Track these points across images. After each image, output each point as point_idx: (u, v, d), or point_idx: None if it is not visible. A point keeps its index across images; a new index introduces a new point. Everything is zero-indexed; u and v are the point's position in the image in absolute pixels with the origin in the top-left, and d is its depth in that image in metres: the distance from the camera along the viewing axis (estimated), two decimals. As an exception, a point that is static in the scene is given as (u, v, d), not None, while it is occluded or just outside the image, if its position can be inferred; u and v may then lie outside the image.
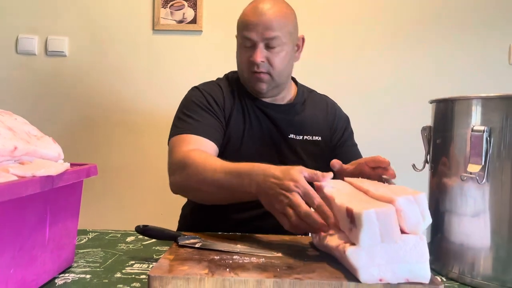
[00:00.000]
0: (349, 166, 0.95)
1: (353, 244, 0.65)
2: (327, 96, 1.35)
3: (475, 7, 1.89)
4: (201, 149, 1.04)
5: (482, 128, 0.72)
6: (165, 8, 1.91)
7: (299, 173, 0.78)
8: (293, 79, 1.30)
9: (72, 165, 0.78)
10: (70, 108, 1.95)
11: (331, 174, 0.82)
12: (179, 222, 1.33)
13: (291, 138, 1.21)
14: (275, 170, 0.81)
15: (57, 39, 1.93)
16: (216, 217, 1.16)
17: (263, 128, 1.20)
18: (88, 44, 1.94)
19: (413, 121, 1.26)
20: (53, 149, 0.73)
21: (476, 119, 0.75)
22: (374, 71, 1.92)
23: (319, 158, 1.23)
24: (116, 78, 1.94)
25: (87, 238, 0.98)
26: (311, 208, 0.76)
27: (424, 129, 0.89)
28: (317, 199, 0.75)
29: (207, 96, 1.16)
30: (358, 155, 1.27)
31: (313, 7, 1.91)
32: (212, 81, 1.25)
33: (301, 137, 1.21)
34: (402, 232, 0.64)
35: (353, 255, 0.64)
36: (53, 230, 0.69)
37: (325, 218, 0.73)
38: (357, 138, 1.90)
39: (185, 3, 1.91)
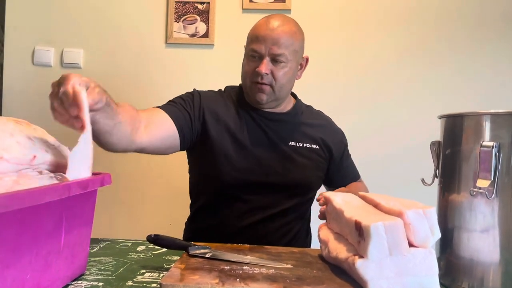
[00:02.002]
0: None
1: (362, 256, 0.66)
2: (321, 112, 1.40)
3: (486, 23, 1.90)
4: (141, 112, 1.08)
5: (491, 143, 0.73)
6: (178, 22, 1.95)
7: (74, 76, 0.77)
8: (293, 94, 1.35)
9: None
10: (83, 118, 1.99)
11: None
12: (184, 231, 1.35)
13: (291, 145, 1.24)
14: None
15: (73, 51, 1.98)
16: (216, 224, 1.20)
17: (263, 133, 1.23)
18: (102, 56, 1.99)
19: (422, 136, 1.26)
20: (69, 158, 0.75)
21: (485, 135, 0.76)
22: (384, 85, 1.93)
23: (320, 166, 1.28)
24: (129, 90, 1.98)
25: (98, 247, 0.99)
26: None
27: (433, 143, 0.90)
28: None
29: (196, 96, 1.24)
30: (354, 172, 1.41)
31: (325, 23, 1.93)
32: (211, 90, 1.32)
33: (301, 144, 1.25)
34: (411, 245, 0.65)
35: (363, 267, 0.64)
36: (68, 237, 0.71)
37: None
38: (366, 152, 1.91)
39: (198, 18, 1.95)
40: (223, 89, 1.34)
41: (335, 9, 1.93)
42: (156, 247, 0.99)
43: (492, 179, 0.72)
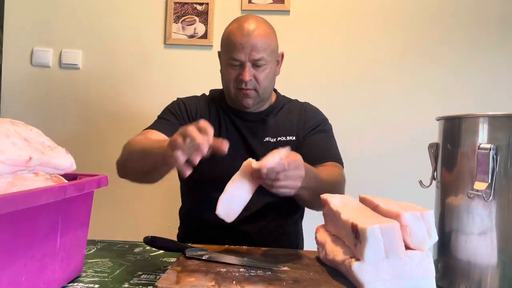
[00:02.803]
0: None
1: (358, 259, 0.66)
2: (308, 103, 1.38)
3: (484, 25, 1.90)
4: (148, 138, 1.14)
5: (488, 146, 0.73)
6: (176, 23, 1.95)
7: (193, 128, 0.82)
8: (274, 90, 1.36)
9: (83, 175, 0.80)
10: (83, 119, 1.99)
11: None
12: (177, 235, 1.36)
13: (266, 141, 1.25)
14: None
15: (71, 52, 1.98)
16: (204, 224, 1.20)
17: (239, 135, 1.26)
18: (101, 57, 1.98)
19: (420, 138, 1.26)
20: (66, 160, 0.75)
21: (483, 137, 0.75)
22: (382, 87, 1.92)
23: None
24: (128, 91, 1.98)
25: (95, 248, 0.99)
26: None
27: (431, 145, 0.90)
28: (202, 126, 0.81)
29: (181, 105, 1.29)
30: (322, 144, 1.26)
31: (323, 23, 1.93)
32: (195, 95, 1.36)
33: (275, 139, 1.26)
34: (408, 248, 0.65)
35: (359, 270, 0.64)
36: (64, 239, 0.71)
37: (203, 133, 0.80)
38: (364, 154, 1.91)
39: (197, 19, 1.95)
40: (207, 93, 1.38)
41: (334, 10, 1.93)
42: (153, 249, 0.99)
43: (489, 181, 0.72)
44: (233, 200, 0.83)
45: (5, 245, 0.56)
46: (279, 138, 1.26)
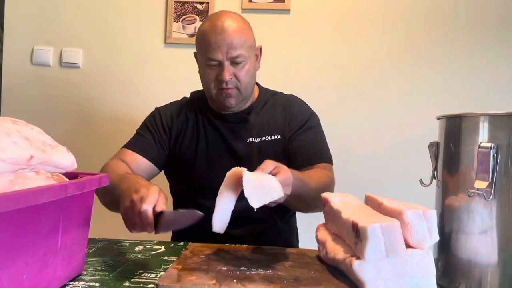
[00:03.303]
0: None
1: (359, 258, 0.66)
2: (293, 95, 1.35)
3: (485, 24, 1.90)
4: (122, 161, 1.18)
5: (489, 145, 0.73)
6: (177, 22, 1.95)
7: (148, 192, 0.84)
8: (257, 84, 1.34)
9: (84, 174, 0.80)
10: (83, 118, 1.99)
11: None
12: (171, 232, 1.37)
13: (249, 142, 1.23)
14: (140, 186, 0.88)
15: (72, 51, 1.98)
16: (194, 226, 1.19)
17: (221, 138, 1.24)
18: (101, 56, 1.98)
19: (421, 137, 1.26)
20: (67, 158, 0.75)
21: (483, 136, 0.75)
22: (382, 86, 1.92)
23: (280, 156, 1.22)
24: (128, 90, 1.98)
25: (96, 247, 0.99)
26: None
27: (431, 144, 0.90)
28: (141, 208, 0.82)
29: (157, 117, 1.29)
30: (310, 144, 1.23)
31: (324, 23, 1.93)
32: (174, 102, 1.35)
33: (259, 138, 1.23)
34: (408, 246, 0.65)
35: (360, 268, 0.64)
36: (65, 238, 0.71)
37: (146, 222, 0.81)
38: (364, 153, 1.91)
39: (197, 18, 1.95)
40: (189, 95, 1.36)
41: (334, 9, 1.93)
42: (154, 247, 0.99)
43: (490, 180, 0.72)
44: (225, 213, 0.84)
45: (6, 244, 0.56)
46: (263, 138, 1.23)
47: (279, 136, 1.24)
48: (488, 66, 1.89)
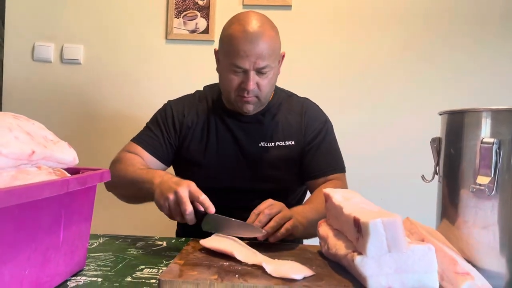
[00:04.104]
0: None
1: (361, 253, 0.66)
2: (307, 100, 1.33)
3: (486, 19, 1.89)
4: (136, 154, 1.20)
5: (491, 140, 0.72)
6: (178, 18, 1.95)
7: (186, 186, 0.92)
8: None
9: (86, 169, 0.80)
10: (84, 114, 1.99)
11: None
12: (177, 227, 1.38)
13: (262, 146, 1.21)
14: (173, 177, 0.99)
15: (73, 47, 1.97)
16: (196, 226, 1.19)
17: (232, 138, 1.22)
18: (102, 52, 1.98)
19: (423, 132, 1.25)
20: (68, 154, 0.75)
21: (486, 131, 0.75)
22: (384, 82, 1.92)
23: (293, 162, 1.22)
24: (129, 86, 1.97)
25: (98, 242, 0.99)
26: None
27: (433, 140, 0.89)
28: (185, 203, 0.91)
29: (168, 112, 1.27)
30: (324, 156, 1.23)
31: (325, 19, 1.93)
32: (186, 95, 1.33)
33: (273, 143, 1.22)
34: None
35: (362, 264, 0.64)
36: (67, 233, 0.71)
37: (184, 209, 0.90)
38: (366, 150, 1.91)
39: (198, 14, 1.94)
40: (190, 91, 1.34)
41: (335, 5, 1.92)
42: (156, 242, 0.99)
43: (492, 175, 0.72)
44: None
45: (8, 239, 0.56)
46: (277, 143, 1.22)
47: (293, 142, 1.23)
48: (490, 62, 1.89)
